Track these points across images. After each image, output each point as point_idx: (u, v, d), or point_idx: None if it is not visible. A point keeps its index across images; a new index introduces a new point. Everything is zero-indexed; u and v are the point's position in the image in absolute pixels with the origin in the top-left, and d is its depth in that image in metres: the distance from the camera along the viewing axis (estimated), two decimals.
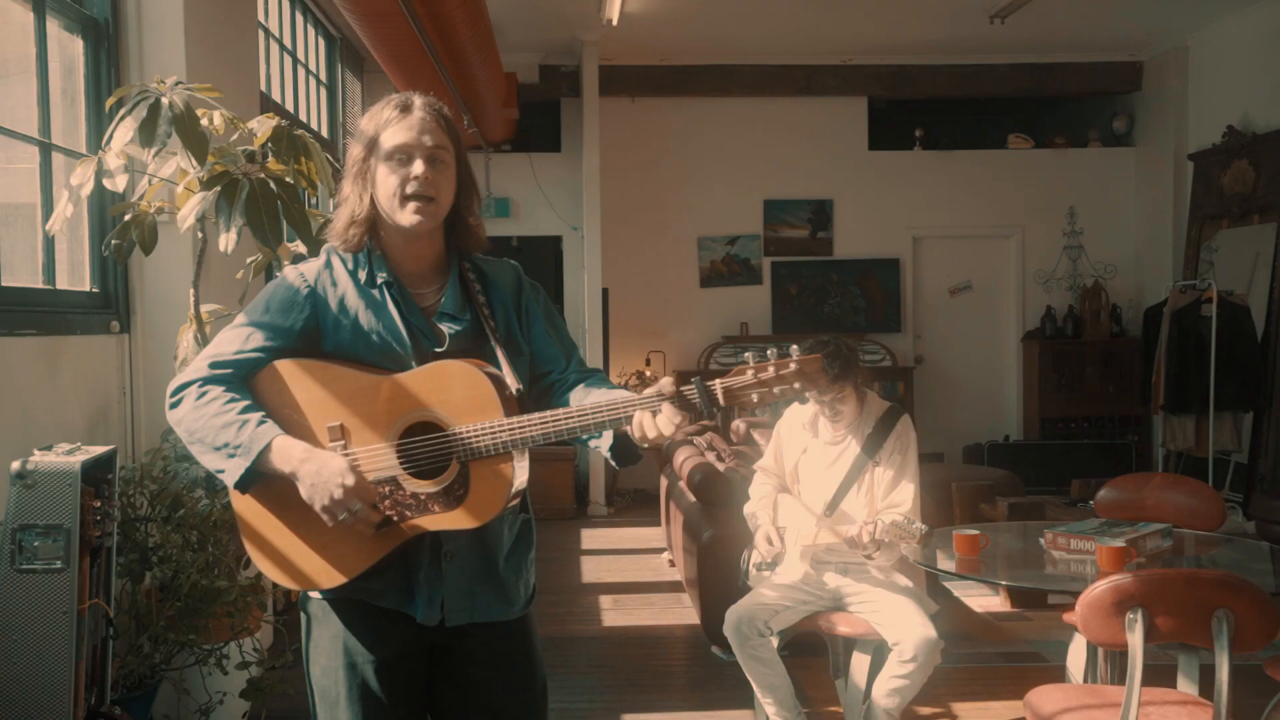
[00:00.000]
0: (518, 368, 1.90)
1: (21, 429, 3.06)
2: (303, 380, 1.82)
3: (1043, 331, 9.26)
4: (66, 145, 3.67)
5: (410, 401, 1.79)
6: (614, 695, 4.19)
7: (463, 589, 1.86)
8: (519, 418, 1.76)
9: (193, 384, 1.81)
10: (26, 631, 2.35)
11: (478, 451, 1.75)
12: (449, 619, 1.85)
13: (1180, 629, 2.27)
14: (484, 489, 1.77)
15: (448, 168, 1.86)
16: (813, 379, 1.72)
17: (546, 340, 1.98)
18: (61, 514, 2.38)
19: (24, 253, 3.54)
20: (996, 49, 8.68)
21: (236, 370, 1.82)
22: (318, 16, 7.08)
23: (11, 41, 3.42)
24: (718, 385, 1.73)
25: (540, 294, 2.03)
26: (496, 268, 2.00)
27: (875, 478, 3.38)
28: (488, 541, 1.88)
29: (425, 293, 1.92)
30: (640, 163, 9.09)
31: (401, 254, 1.90)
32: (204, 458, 1.80)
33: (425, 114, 1.86)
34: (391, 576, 1.84)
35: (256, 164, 3.22)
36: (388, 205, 1.84)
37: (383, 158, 1.85)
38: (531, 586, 2.00)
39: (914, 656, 3.12)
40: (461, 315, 1.90)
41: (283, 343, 1.84)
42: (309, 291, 1.87)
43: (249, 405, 1.78)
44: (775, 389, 1.72)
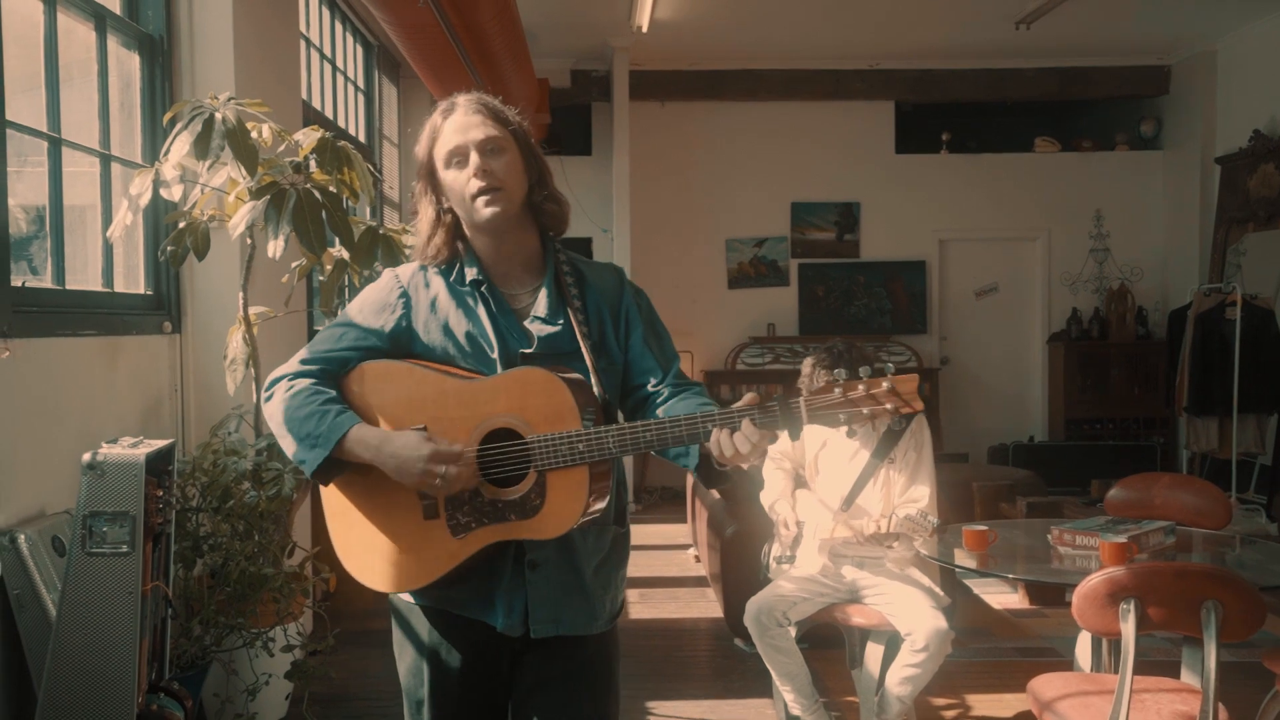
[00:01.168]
0: (608, 377, 1.87)
1: (84, 423, 3.27)
2: (389, 381, 1.83)
3: (1068, 333, 9.33)
4: (123, 155, 3.88)
5: (491, 407, 1.77)
6: (638, 684, 4.35)
7: (548, 600, 1.84)
8: (597, 428, 1.73)
9: (284, 378, 1.85)
10: (96, 609, 2.55)
11: (554, 461, 1.72)
12: (534, 630, 1.84)
13: (1170, 619, 2.40)
14: (560, 500, 1.74)
15: (507, 154, 1.84)
16: (909, 401, 1.62)
17: (644, 350, 1.92)
18: (127, 502, 2.58)
19: (84, 257, 3.75)
20: (1023, 53, 8.76)
21: (326, 366, 1.85)
22: (356, 25, 7.30)
23: (72, 49, 3.62)
24: (802, 403, 1.66)
25: (643, 300, 1.98)
26: (597, 271, 1.96)
27: (891, 475, 3.52)
28: (575, 552, 1.85)
29: (519, 294, 1.90)
30: (670, 166, 9.24)
31: (492, 254, 1.89)
32: (289, 449, 1.82)
33: (468, 109, 1.86)
34: (474, 586, 1.84)
35: (302, 174, 3.41)
36: (463, 208, 1.85)
37: (442, 167, 1.86)
38: (619, 603, 1.97)
39: (925, 646, 3.26)
40: (554, 319, 1.86)
41: (374, 343, 1.86)
42: (402, 293, 1.88)
43: (332, 398, 1.81)
44: (864, 409, 1.63)
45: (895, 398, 1.61)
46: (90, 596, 2.56)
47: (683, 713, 4.04)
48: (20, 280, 3.14)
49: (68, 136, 3.47)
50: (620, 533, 1.95)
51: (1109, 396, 9.23)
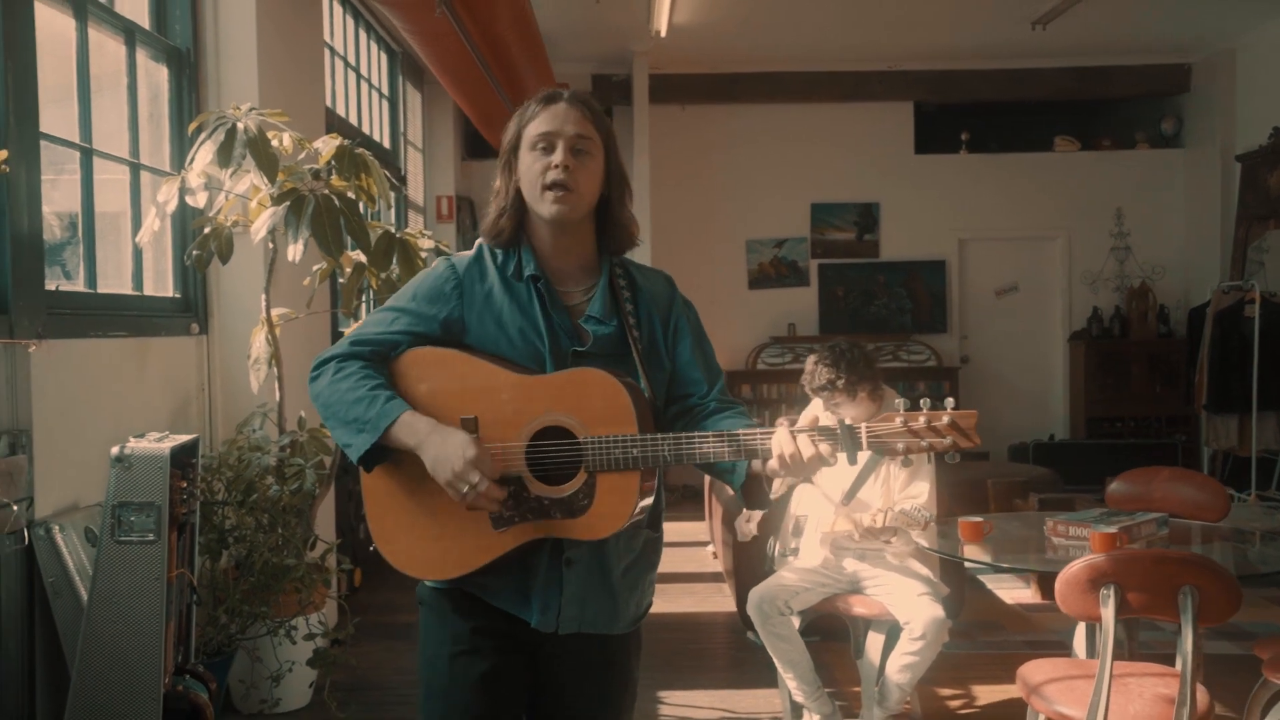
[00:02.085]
0: (657, 383, 1.86)
1: (115, 419, 3.43)
2: (440, 369, 1.81)
3: (1089, 332, 9.35)
4: (152, 164, 4.04)
5: (545, 404, 1.76)
6: (652, 674, 4.45)
7: (577, 597, 1.83)
8: (652, 435, 1.72)
9: (333, 359, 1.83)
10: (125, 595, 2.70)
11: (607, 463, 1.72)
12: (562, 627, 1.83)
13: (1149, 604, 2.48)
14: (609, 503, 1.73)
15: (592, 159, 1.82)
16: (968, 435, 1.64)
17: (691, 362, 1.91)
18: (153, 493, 2.73)
19: (116, 262, 3.91)
20: (1042, 53, 8.79)
21: (376, 350, 1.82)
22: (380, 34, 7.46)
23: (103, 62, 3.78)
24: (863, 429, 1.68)
25: (692, 312, 1.98)
26: (650, 277, 1.96)
27: (892, 471, 3.60)
28: (607, 552, 1.84)
29: (572, 291, 1.88)
30: (690, 168, 9.36)
31: (549, 249, 1.87)
32: (335, 432, 1.79)
33: (570, 104, 1.83)
34: (510, 578, 1.82)
35: (321, 181, 3.55)
36: (530, 194, 1.83)
37: (526, 147, 1.83)
38: (645, 605, 1.96)
39: (923, 635, 3.35)
40: (608, 321, 1.85)
41: (426, 329, 1.84)
42: (456, 283, 1.86)
43: (381, 383, 1.78)
44: (924, 441, 1.65)
45: (955, 431, 1.64)
46: (119, 582, 2.71)
47: (693, 701, 4.15)
48: (54, 284, 3.30)
49: (99, 146, 3.64)
50: (653, 537, 1.93)
51: (1130, 395, 9.24)
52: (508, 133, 1.87)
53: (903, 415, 1.65)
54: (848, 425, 1.65)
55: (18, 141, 2.94)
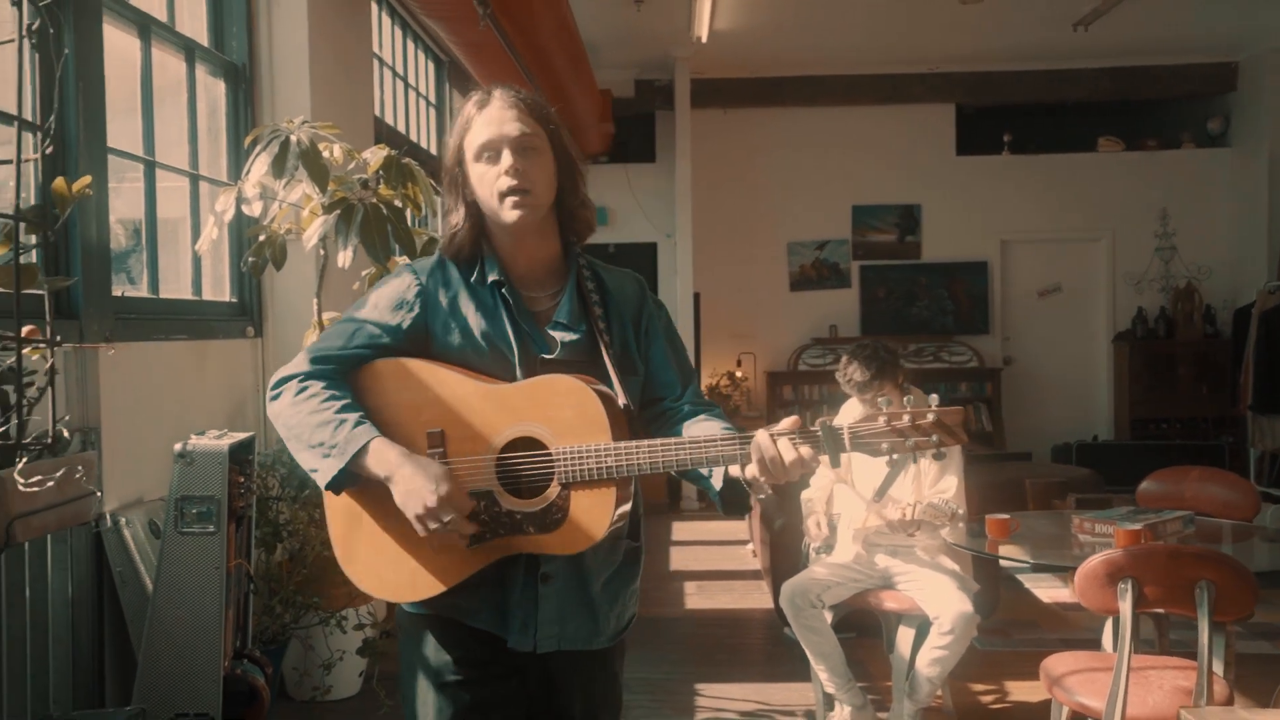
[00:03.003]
0: (630, 388, 1.79)
1: (177, 418, 3.61)
2: (405, 381, 1.74)
3: (1134, 333, 9.32)
4: (210, 174, 4.23)
5: (515, 414, 1.69)
6: (690, 668, 4.57)
7: (556, 614, 1.76)
8: (627, 443, 1.66)
9: (293, 379, 1.74)
10: (187, 583, 2.87)
11: (580, 475, 1.65)
12: (540, 645, 1.76)
13: (1166, 598, 2.55)
14: (583, 515, 1.66)
15: (540, 153, 1.75)
16: (953, 433, 1.60)
17: (664, 364, 1.87)
18: (213, 487, 2.90)
19: (176, 268, 4.10)
20: (1084, 54, 8.78)
21: (339, 366, 1.75)
22: (427, 43, 7.64)
23: (165, 76, 3.98)
24: (845, 430, 1.63)
25: (663, 312, 1.91)
26: (618, 279, 1.89)
27: (921, 468, 3.69)
28: (585, 564, 1.77)
29: (539, 296, 1.82)
30: (732, 171, 9.46)
31: (512, 253, 1.81)
32: (300, 455, 1.72)
33: (504, 102, 1.76)
34: (485, 595, 1.75)
35: (369, 190, 3.70)
36: (488, 205, 1.76)
37: (471, 158, 1.77)
38: (627, 618, 1.89)
39: (952, 629, 3.43)
40: (576, 326, 1.79)
41: (389, 341, 1.76)
42: (419, 290, 1.78)
43: (348, 404, 1.70)
44: (908, 440, 1.61)
45: (940, 429, 1.59)
46: (182, 572, 2.88)
47: (729, 694, 4.25)
48: (120, 290, 3.49)
49: (160, 157, 3.82)
50: (633, 546, 1.86)
51: (1176, 395, 9.19)
52: (449, 147, 1.81)
53: (886, 414, 1.62)
54: (830, 426, 1.61)
55: (87, 156, 3.13)
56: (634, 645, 2.28)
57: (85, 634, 3.05)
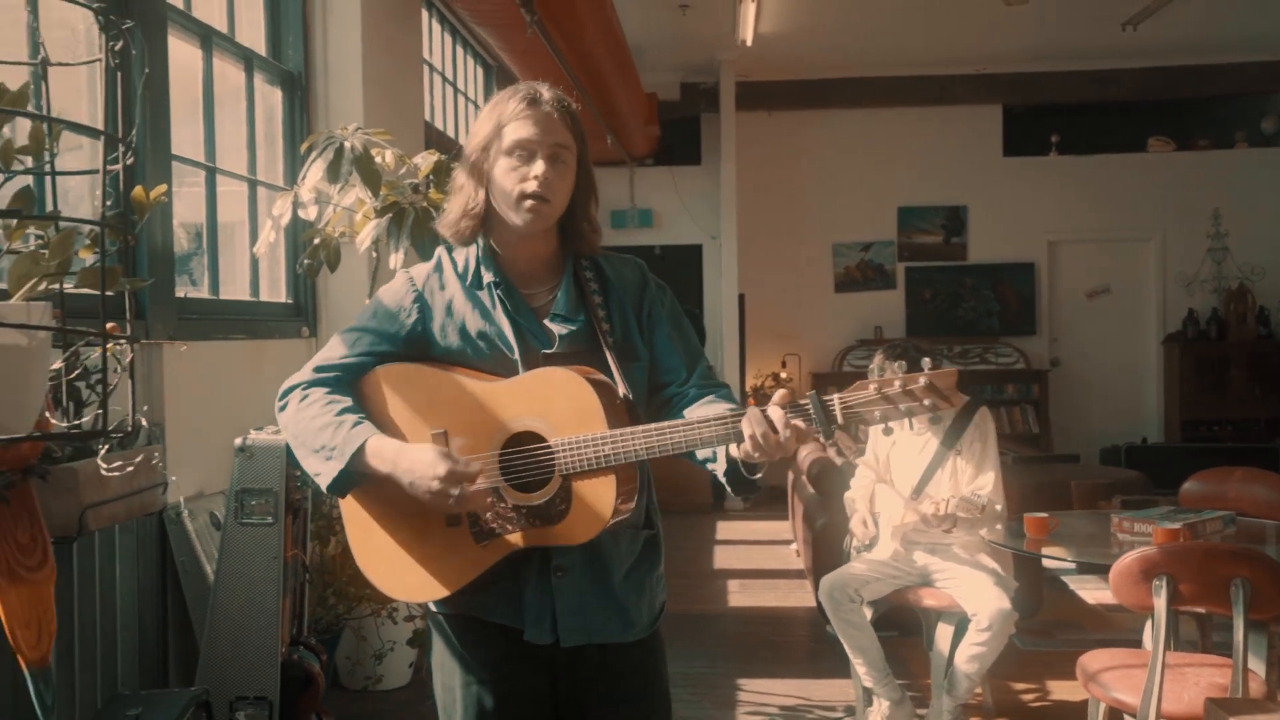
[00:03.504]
0: (632, 375, 1.79)
1: (236, 414, 3.74)
2: (406, 385, 1.77)
3: (1184, 334, 9.23)
4: (267, 179, 4.37)
5: (513, 410, 1.71)
6: (732, 664, 4.64)
7: (576, 607, 1.76)
8: (622, 430, 1.66)
9: (297, 388, 1.79)
10: (246, 572, 3.00)
11: (579, 465, 1.67)
12: (564, 639, 1.76)
13: (1201, 595, 2.58)
14: (586, 505, 1.68)
15: (568, 168, 1.78)
16: (946, 397, 1.57)
17: (669, 348, 1.86)
18: (272, 480, 3.02)
19: (234, 270, 4.25)
20: (1134, 53, 8.72)
21: (342, 374, 1.79)
22: (476, 49, 7.78)
23: (226, 82, 4.12)
24: (836, 401, 1.60)
25: (666, 295, 1.91)
26: (617, 266, 1.89)
27: (958, 465, 3.73)
28: (603, 558, 1.78)
29: (537, 292, 1.83)
30: (777, 173, 9.50)
31: (513, 251, 1.82)
32: (305, 462, 1.76)
33: (553, 110, 1.77)
34: (503, 591, 1.77)
35: (420, 194, 3.82)
36: (503, 202, 1.77)
37: (504, 151, 1.76)
38: (658, 605, 1.88)
39: (989, 625, 3.46)
40: (574, 317, 1.80)
41: (389, 347, 1.80)
42: (416, 295, 1.82)
43: (347, 407, 1.74)
44: (901, 406, 1.57)
45: (933, 394, 1.56)
46: (241, 561, 3.01)
47: (771, 689, 4.32)
48: (182, 291, 3.63)
49: (220, 163, 3.97)
50: (650, 535, 1.87)
51: (1228, 398, 9.09)
52: (482, 128, 1.80)
53: (877, 382, 1.59)
54: (819, 399, 1.59)
55: (153, 162, 3.27)
56: (675, 640, 2.34)
57: (150, 620, 3.19)
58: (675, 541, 7.12)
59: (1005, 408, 9.15)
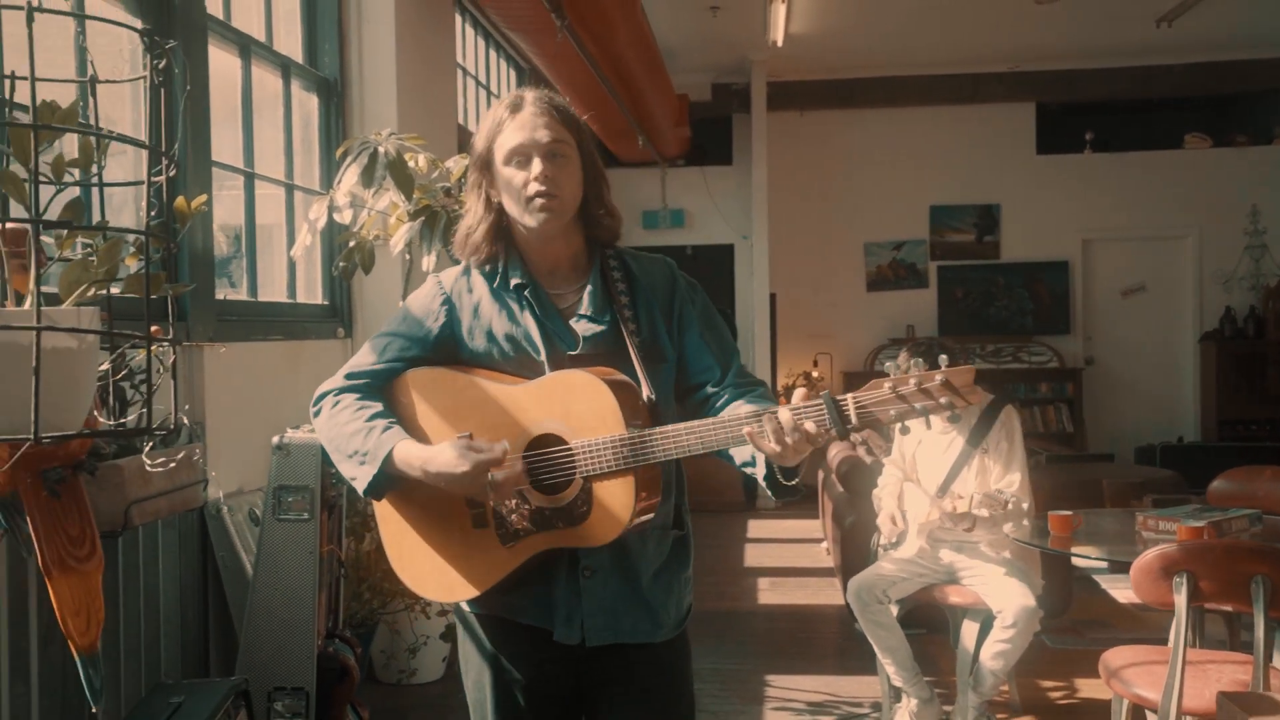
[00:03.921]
0: (658, 376, 1.79)
1: (274, 413, 3.84)
2: (434, 389, 1.80)
3: (1221, 332, 9.15)
4: (303, 184, 4.48)
5: (535, 413, 1.73)
6: (761, 660, 4.68)
7: (604, 608, 1.78)
8: (639, 432, 1.66)
9: (329, 394, 1.83)
10: (284, 567, 3.09)
11: (598, 467, 1.67)
12: (590, 639, 1.78)
13: (1221, 592, 2.60)
14: (607, 507, 1.68)
15: (569, 160, 1.78)
16: (964, 394, 1.52)
17: (701, 348, 1.85)
18: (308, 477, 3.11)
19: (272, 273, 4.36)
20: (1169, 49, 8.65)
21: (372, 380, 1.83)
22: (508, 53, 7.87)
23: (264, 89, 4.23)
24: (849, 401, 1.57)
25: (698, 294, 1.90)
26: (647, 266, 1.88)
27: (984, 463, 3.75)
28: (631, 558, 1.79)
29: (565, 292, 1.84)
30: (809, 172, 9.52)
31: (538, 254, 1.84)
32: (341, 466, 1.80)
33: (536, 109, 1.77)
34: (532, 592, 1.79)
35: (452, 197, 3.90)
36: (515, 209, 1.79)
37: (500, 161, 1.78)
38: (685, 607, 1.89)
39: (1014, 623, 3.49)
40: (600, 317, 1.80)
41: (419, 351, 1.83)
42: (444, 299, 1.84)
43: (377, 412, 1.78)
44: (917, 405, 1.53)
45: (949, 391, 1.51)
46: (279, 556, 3.10)
47: (798, 685, 4.36)
48: (222, 293, 3.74)
49: (258, 167, 4.07)
50: (679, 536, 1.87)
51: (1267, 396, 9.00)
52: (477, 146, 1.83)
53: (891, 380, 1.55)
54: (833, 400, 1.56)
55: (193, 169, 3.37)
56: (704, 636, 2.36)
57: (192, 612, 3.29)
58: (707, 540, 7.18)
59: (1039, 406, 9.12)
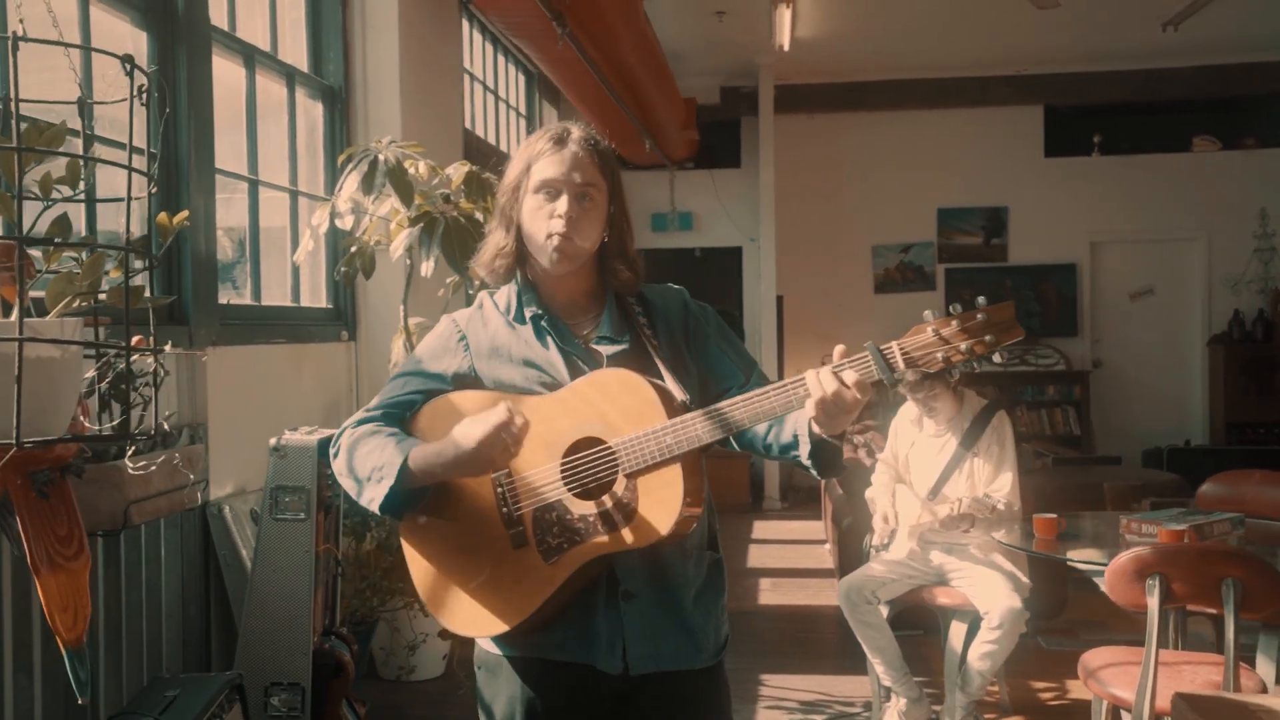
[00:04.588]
0: (685, 386, 1.76)
1: (277, 415, 3.93)
2: (455, 414, 1.75)
3: (1230, 335, 9.14)
4: (308, 190, 4.57)
5: (567, 420, 1.69)
6: (756, 659, 4.74)
7: (645, 632, 1.72)
8: (681, 418, 1.63)
9: (345, 430, 1.81)
10: (281, 565, 3.17)
11: (643, 460, 1.62)
12: (632, 666, 1.72)
13: (1194, 594, 2.65)
14: (653, 502, 1.63)
15: (595, 206, 1.77)
16: (1007, 330, 1.53)
17: (721, 355, 1.85)
18: (304, 478, 3.19)
19: (276, 277, 4.45)
20: (1176, 52, 8.64)
21: (390, 411, 1.81)
22: (517, 57, 7.95)
23: (269, 97, 4.32)
24: (895, 348, 1.57)
25: (709, 313, 1.91)
26: (659, 291, 1.90)
27: (975, 467, 3.80)
28: (670, 579, 1.75)
29: (580, 321, 1.83)
30: (817, 175, 9.56)
31: (553, 286, 1.83)
32: (361, 496, 1.73)
33: (579, 149, 1.77)
34: (569, 625, 1.73)
35: (451, 204, 3.98)
36: (530, 240, 1.79)
37: (531, 190, 1.77)
38: (724, 635, 1.85)
39: (1000, 624, 3.54)
40: (621, 336, 1.79)
41: (437, 387, 1.81)
42: (460, 335, 1.83)
43: (393, 431, 1.76)
44: (962, 346, 1.53)
45: (992, 328, 1.52)
46: (276, 554, 3.18)
47: (790, 684, 4.41)
48: (226, 298, 3.83)
49: (263, 173, 4.17)
50: (715, 559, 1.84)
51: (1275, 400, 8.99)
52: (513, 170, 1.82)
53: (933, 324, 1.55)
54: (878, 349, 1.56)
55: (196, 177, 3.46)
56: None
57: (195, 608, 3.38)
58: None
59: (1046, 409, 9.14)
